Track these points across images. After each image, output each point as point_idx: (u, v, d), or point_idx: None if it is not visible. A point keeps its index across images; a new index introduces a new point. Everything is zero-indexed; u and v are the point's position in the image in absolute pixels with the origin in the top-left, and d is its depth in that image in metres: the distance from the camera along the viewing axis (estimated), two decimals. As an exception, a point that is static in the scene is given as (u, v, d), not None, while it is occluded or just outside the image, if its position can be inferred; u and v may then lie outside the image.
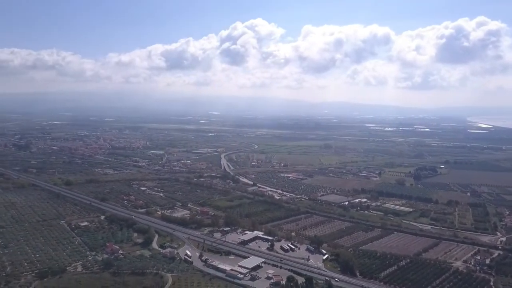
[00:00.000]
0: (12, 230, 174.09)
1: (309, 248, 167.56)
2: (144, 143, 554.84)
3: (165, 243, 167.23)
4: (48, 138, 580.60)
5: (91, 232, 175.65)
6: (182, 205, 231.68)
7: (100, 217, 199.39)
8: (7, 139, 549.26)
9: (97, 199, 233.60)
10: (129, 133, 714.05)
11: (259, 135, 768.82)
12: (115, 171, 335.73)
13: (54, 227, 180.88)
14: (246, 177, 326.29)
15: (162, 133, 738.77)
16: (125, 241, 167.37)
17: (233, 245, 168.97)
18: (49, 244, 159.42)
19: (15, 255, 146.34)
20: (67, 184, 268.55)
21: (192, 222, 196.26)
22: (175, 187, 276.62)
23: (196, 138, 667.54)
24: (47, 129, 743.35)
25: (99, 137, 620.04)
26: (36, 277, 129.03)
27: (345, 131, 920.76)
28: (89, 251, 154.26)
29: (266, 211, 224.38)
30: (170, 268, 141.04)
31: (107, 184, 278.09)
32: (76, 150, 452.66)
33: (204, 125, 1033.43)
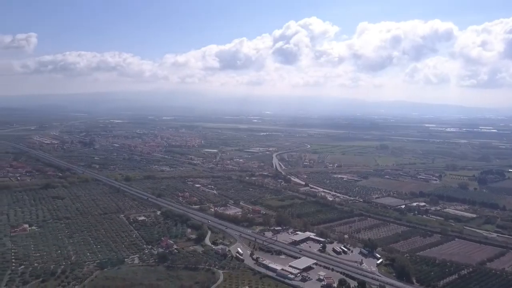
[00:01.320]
0: (77, 221, 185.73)
1: (362, 251, 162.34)
2: (199, 141, 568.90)
3: (217, 240, 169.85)
4: (110, 136, 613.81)
5: (148, 227, 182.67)
6: (234, 203, 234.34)
7: (156, 212, 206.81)
8: (74, 137, 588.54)
9: (153, 194, 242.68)
10: (185, 132, 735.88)
11: (312, 135, 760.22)
12: (171, 168, 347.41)
13: (114, 220, 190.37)
14: (298, 177, 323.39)
15: (216, 132, 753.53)
16: (179, 236, 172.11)
17: (284, 245, 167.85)
18: (109, 236, 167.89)
19: (79, 245, 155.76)
20: (126, 179, 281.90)
21: (244, 220, 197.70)
22: (227, 185, 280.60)
23: (248, 137, 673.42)
24: (109, 127, 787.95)
25: (157, 135, 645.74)
26: (97, 267, 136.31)
27: (403, 131, 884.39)
28: (145, 245, 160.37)
29: (318, 212, 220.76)
30: (222, 264, 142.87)
31: (163, 180, 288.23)
32: (135, 148, 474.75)
33: (256, 124, 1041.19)
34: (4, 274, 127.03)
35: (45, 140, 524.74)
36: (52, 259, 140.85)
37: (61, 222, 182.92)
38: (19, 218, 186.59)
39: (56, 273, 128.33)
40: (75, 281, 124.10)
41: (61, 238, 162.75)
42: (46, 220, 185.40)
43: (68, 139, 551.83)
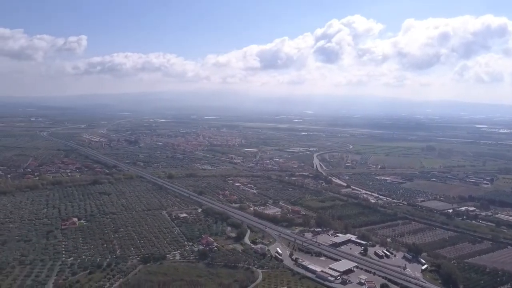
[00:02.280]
0: (122, 216, 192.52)
1: (406, 256, 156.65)
2: (239, 141, 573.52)
3: (256, 239, 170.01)
4: (154, 135, 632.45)
5: (189, 224, 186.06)
6: (274, 203, 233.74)
7: (197, 210, 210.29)
8: (120, 135, 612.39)
9: (195, 192, 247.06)
10: (226, 131, 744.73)
11: (354, 135, 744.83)
12: (212, 166, 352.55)
13: (157, 216, 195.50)
14: (340, 178, 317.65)
15: (256, 131, 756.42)
16: (219, 234, 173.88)
17: (324, 247, 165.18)
18: (152, 232, 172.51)
19: (124, 240, 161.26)
20: (169, 177, 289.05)
21: (284, 220, 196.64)
22: (267, 185, 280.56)
23: (289, 137, 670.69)
24: (153, 126, 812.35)
25: (199, 134, 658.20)
26: (140, 262, 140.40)
27: (451, 132, 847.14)
28: (186, 241, 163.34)
29: (360, 214, 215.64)
30: (261, 264, 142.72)
31: (205, 178, 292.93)
32: (178, 146, 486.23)
33: (297, 124, 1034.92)
34: (55, 265, 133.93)
35: (93, 138, 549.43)
36: (99, 252, 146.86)
37: (107, 217, 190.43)
38: (69, 212, 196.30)
39: (102, 265, 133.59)
40: (120, 274, 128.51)
41: (107, 232, 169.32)
42: (93, 214, 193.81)
43: (114, 137, 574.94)
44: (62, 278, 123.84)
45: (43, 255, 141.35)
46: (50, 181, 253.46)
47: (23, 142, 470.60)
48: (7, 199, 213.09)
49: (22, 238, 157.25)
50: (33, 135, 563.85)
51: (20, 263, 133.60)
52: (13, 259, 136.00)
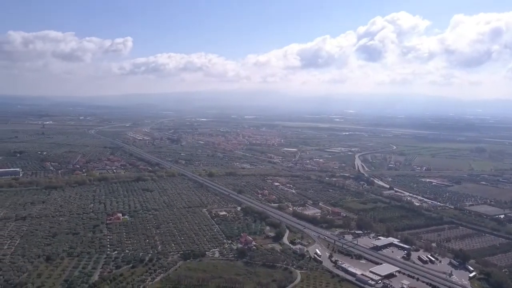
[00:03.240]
0: (164, 213, 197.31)
1: (452, 262, 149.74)
2: (279, 140, 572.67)
3: (295, 240, 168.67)
4: (195, 134, 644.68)
5: (228, 222, 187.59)
6: (313, 203, 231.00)
7: (237, 208, 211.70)
8: (163, 133, 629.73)
9: (234, 191, 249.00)
10: (266, 131, 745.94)
11: (398, 135, 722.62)
12: (252, 165, 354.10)
13: (197, 214, 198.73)
14: (382, 179, 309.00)
15: (296, 131, 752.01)
16: (258, 233, 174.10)
17: (365, 250, 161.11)
18: (192, 229, 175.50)
19: (165, 236, 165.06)
20: (209, 175, 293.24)
21: (323, 221, 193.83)
22: (306, 185, 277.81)
23: (329, 136, 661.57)
24: (195, 125, 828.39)
25: (239, 133, 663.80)
26: (180, 258, 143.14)
27: (504, 133, 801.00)
28: (225, 239, 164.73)
29: (403, 217, 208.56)
30: (300, 264, 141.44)
31: (244, 177, 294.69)
32: (218, 145, 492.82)
33: (338, 123, 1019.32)
34: (101, 258, 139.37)
35: (137, 136, 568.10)
36: (141, 247, 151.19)
37: (150, 213, 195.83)
38: (114, 207, 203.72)
39: (144, 260, 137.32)
40: (161, 269, 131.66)
41: (149, 228, 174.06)
42: (136, 210, 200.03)
43: (158, 135, 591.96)
44: (107, 271, 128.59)
45: (90, 248, 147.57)
46: (97, 177, 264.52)
47: (73, 139, 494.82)
48: (58, 194, 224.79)
49: (70, 231, 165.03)
50: (82, 133, 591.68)
51: (68, 255, 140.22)
52: (62, 251, 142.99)
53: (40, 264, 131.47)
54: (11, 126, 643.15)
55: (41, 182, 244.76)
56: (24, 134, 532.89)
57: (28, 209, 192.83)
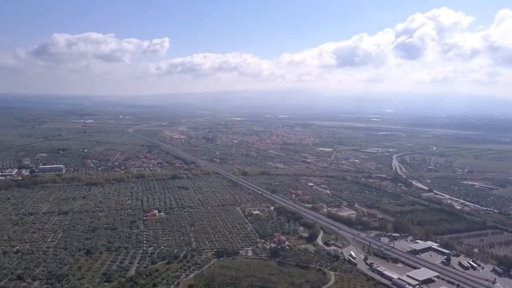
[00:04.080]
0: (198, 211, 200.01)
1: (496, 269, 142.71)
2: (314, 140, 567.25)
3: (329, 241, 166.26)
4: (229, 133, 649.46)
5: (261, 221, 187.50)
6: (349, 205, 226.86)
7: (270, 208, 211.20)
8: (198, 132, 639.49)
9: (268, 190, 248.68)
10: (300, 130, 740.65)
11: (439, 136, 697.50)
12: (285, 165, 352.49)
13: (231, 212, 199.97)
14: (421, 181, 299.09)
15: (331, 130, 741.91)
16: (291, 233, 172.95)
17: (402, 253, 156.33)
18: (226, 227, 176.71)
19: (199, 233, 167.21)
20: (243, 174, 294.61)
21: (358, 223, 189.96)
22: (342, 186, 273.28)
23: (366, 136, 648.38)
24: (229, 124, 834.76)
25: (273, 133, 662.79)
26: (214, 255, 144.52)
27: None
28: (259, 239, 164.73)
29: (442, 221, 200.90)
30: (334, 266, 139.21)
31: (277, 177, 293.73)
32: (252, 144, 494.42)
33: (375, 123, 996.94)
34: (137, 253, 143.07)
35: (174, 135, 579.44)
36: (176, 244, 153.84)
37: (185, 210, 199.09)
38: (150, 204, 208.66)
39: (179, 257, 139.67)
40: (195, 266, 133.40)
41: (184, 225, 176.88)
42: (172, 207, 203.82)
43: (193, 134, 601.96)
44: (143, 266, 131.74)
45: (127, 243, 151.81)
46: (135, 175, 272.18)
47: (112, 137, 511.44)
48: (97, 190, 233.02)
49: (109, 226, 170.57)
50: (121, 131, 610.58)
51: (107, 249, 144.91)
52: (101, 245, 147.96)
53: (80, 257, 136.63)
54: (56, 125, 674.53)
55: (82, 179, 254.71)
56: (67, 132, 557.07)
57: (70, 204, 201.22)
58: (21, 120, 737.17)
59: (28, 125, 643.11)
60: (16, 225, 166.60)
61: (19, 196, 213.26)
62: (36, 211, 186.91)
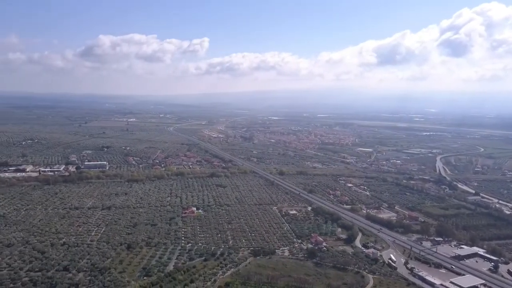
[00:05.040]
0: (235, 209, 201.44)
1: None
2: (353, 140, 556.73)
3: (368, 243, 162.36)
4: (267, 132, 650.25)
5: (298, 221, 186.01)
6: (389, 207, 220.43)
7: (307, 208, 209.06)
8: (236, 131, 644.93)
9: (305, 190, 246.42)
10: (339, 130, 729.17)
11: (487, 137, 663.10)
12: (323, 165, 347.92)
13: (268, 211, 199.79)
14: (467, 184, 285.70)
15: (372, 130, 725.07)
16: (329, 235, 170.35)
17: (445, 258, 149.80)
18: (263, 226, 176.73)
19: (236, 231, 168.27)
20: (280, 174, 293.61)
21: (399, 225, 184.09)
22: (382, 187, 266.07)
23: (408, 137, 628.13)
24: (266, 123, 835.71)
25: (311, 132, 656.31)
26: (251, 254, 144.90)
27: None
28: (295, 239, 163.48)
29: (490, 226, 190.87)
30: (372, 269, 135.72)
31: (315, 177, 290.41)
32: (289, 144, 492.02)
33: (418, 123, 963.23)
34: (176, 249, 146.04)
35: (212, 134, 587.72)
36: (213, 241, 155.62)
37: (222, 208, 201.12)
38: (189, 201, 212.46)
39: (216, 254, 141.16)
40: (231, 264, 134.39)
41: (221, 223, 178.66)
42: (210, 205, 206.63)
43: (231, 133, 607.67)
44: (181, 262, 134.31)
45: (166, 239, 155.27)
46: (174, 172, 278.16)
47: (153, 136, 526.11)
48: (138, 187, 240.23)
49: (149, 222, 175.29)
50: (162, 130, 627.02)
51: (147, 244, 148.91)
52: (141, 240, 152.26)
53: (122, 251, 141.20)
54: (100, 123, 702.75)
55: (124, 175, 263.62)
56: (111, 130, 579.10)
57: (113, 200, 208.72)
58: (68, 119, 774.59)
59: (75, 124, 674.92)
60: (63, 219, 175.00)
61: (66, 191, 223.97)
62: (81, 206, 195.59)
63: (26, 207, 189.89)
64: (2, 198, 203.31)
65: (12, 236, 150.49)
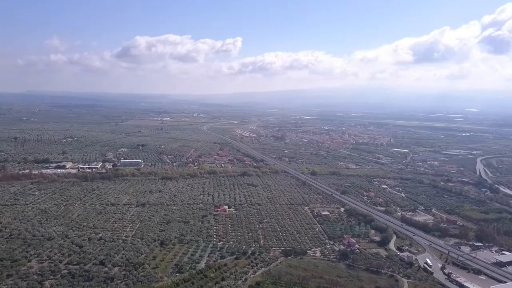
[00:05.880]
0: (266, 208, 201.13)
1: None
2: (388, 140, 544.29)
3: (403, 246, 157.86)
4: (299, 131, 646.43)
5: (331, 222, 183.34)
6: (425, 209, 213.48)
7: (340, 209, 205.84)
8: (268, 131, 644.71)
9: (338, 191, 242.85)
10: (373, 129, 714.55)
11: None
12: (357, 166, 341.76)
13: (299, 211, 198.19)
14: (510, 187, 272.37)
15: (408, 130, 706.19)
16: (362, 236, 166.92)
17: (485, 264, 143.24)
18: (294, 226, 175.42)
19: (267, 231, 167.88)
20: (312, 174, 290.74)
21: (436, 229, 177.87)
22: (418, 189, 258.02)
23: (446, 137, 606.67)
24: (299, 123, 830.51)
25: (344, 132, 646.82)
26: (282, 254, 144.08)
27: None
28: (327, 240, 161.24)
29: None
30: (407, 273, 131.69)
31: (348, 178, 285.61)
32: (322, 143, 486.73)
33: (457, 123, 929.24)
34: (207, 247, 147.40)
35: (244, 133, 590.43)
36: (244, 240, 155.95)
37: (254, 207, 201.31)
38: (221, 199, 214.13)
39: (247, 253, 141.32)
40: (262, 264, 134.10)
41: (252, 222, 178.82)
42: (241, 204, 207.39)
43: (263, 133, 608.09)
44: (213, 260, 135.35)
45: (198, 237, 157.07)
46: (207, 171, 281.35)
47: (187, 135, 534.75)
48: (172, 184, 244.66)
49: (182, 219, 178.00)
50: (195, 129, 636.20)
51: (179, 241, 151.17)
52: (174, 237, 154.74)
53: (155, 247, 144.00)
54: (136, 122, 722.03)
55: (158, 173, 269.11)
56: (146, 129, 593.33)
57: (147, 197, 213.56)
58: (106, 118, 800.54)
59: (112, 122, 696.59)
60: (99, 214, 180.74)
61: (102, 187, 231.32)
62: (117, 202, 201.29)
63: (65, 203, 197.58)
64: (44, 193, 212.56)
65: (53, 230, 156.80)
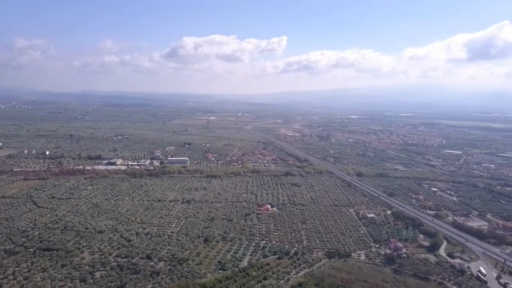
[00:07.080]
0: (310, 209, 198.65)
1: None
2: (439, 141, 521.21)
3: (454, 253, 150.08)
4: (345, 131, 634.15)
5: (377, 225, 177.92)
6: (479, 215, 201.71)
7: (386, 212, 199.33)
8: (313, 130, 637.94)
9: (385, 193, 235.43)
10: (424, 130, 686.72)
11: None
12: (405, 167, 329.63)
13: (344, 213, 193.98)
14: None
15: (461, 131, 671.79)
16: (410, 241, 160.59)
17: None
18: (338, 228, 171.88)
19: (310, 232, 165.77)
20: (358, 175, 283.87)
21: (491, 236, 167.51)
22: (471, 193, 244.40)
23: (504, 139, 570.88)
24: (345, 122, 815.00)
25: (393, 132, 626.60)
26: (325, 255, 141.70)
27: None
28: (373, 243, 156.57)
29: None
30: (458, 281, 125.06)
31: (396, 180, 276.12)
32: (369, 144, 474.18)
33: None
34: (250, 245, 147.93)
35: (288, 133, 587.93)
36: (287, 240, 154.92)
37: (297, 208, 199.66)
38: (264, 199, 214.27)
39: (290, 253, 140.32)
40: (305, 264, 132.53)
41: (295, 222, 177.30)
42: (284, 203, 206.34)
43: (307, 132, 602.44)
44: (255, 258, 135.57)
45: (241, 235, 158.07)
46: (250, 170, 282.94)
47: (231, 134, 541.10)
48: (216, 182, 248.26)
49: (226, 217, 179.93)
50: (239, 128, 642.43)
51: (223, 239, 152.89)
52: (218, 235, 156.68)
53: (199, 244, 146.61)
54: (183, 121, 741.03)
55: (203, 171, 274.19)
56: (192, 127, 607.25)
57: (192, 194, 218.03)
58: (154, 116, 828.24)
59: (160, 121, 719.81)
60: (147, 210, 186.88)
61: (150, 184, 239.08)
62: (164, 199, 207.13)
63: (115, 198, 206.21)
64: (96, 188, 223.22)
65: (103, 223, 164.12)
